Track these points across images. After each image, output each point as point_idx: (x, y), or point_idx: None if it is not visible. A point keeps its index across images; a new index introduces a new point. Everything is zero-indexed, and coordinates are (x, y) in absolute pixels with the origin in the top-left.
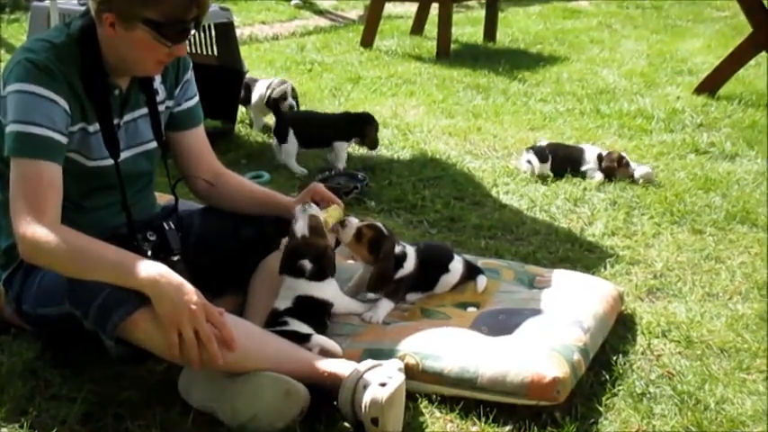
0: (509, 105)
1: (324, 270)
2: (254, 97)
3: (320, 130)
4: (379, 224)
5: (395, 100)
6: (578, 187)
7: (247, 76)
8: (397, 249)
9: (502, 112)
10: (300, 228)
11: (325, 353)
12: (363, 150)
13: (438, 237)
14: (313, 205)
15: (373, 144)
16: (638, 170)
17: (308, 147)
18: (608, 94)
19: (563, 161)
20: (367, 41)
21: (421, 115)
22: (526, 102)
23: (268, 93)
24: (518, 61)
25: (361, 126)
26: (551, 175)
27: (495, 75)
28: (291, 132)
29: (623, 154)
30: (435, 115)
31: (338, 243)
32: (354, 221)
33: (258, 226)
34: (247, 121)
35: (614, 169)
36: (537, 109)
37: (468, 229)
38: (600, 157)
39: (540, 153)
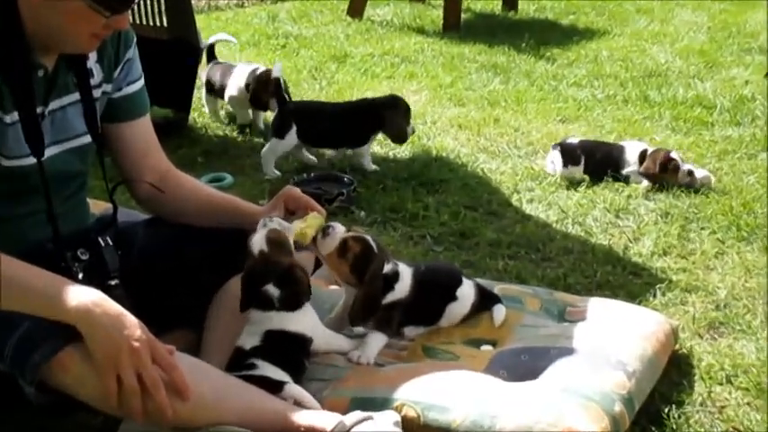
0: (534, 91)
1: (296, 295)
2: (232, 88)
3: (332, 125)
4: (369, 237)
5: (390, 84)
6: (621, 194)
7: (222, 61)
8: (387, 268)
9: (525, 100)
10: (257, 242)
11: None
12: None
13: (444, 256)
14: (276, 218)
15: (398, 135)
16: (697, 174)
17: (315, 145)
18: (659, 78)
19: (600, 164)
20: (356, 9)
21: (424, 103)
22: (556, 86)
23: (247, 81)
24: (546, 35)
25: (380, 114)
26: (586, 178)
27: (517, 52)
28: (294, 128)
29: (673, 154)
30: (442, 103)
31: (318, 264)
32: (340, 229)
33: (217, 241)
34: (205, 110)
35: (655, 174)
36: (569, 95)
37: (482, 246)
38: (643, 157)
39: (570, 153)
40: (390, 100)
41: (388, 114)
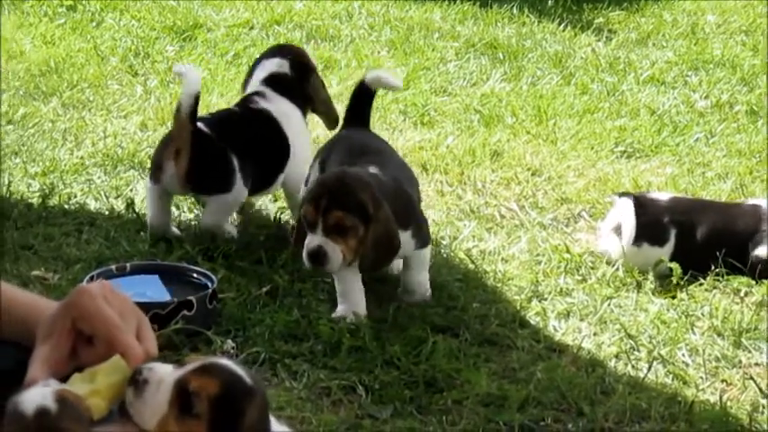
0: (571, 94)
1: None
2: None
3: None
4: (229, 364)
5: None
6: (745, 301)
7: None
8: (279, 429)
9: (554, 113)
10: (34, 398)
11: None
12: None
13: (394, 427)
14: (51, 383)
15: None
16: None
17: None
18: None
19: (708, 243)
20: None
21: None
22: (614, 86)
23: None
24: None
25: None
26: (676, 269)
27: (539, 18)
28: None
29: None
30: (388, 120)
31: None
32: (163, 370)
33: None
34: None
35: None
36: (641, 103)
37: (468, 406)
38: None
39: (650, 221)
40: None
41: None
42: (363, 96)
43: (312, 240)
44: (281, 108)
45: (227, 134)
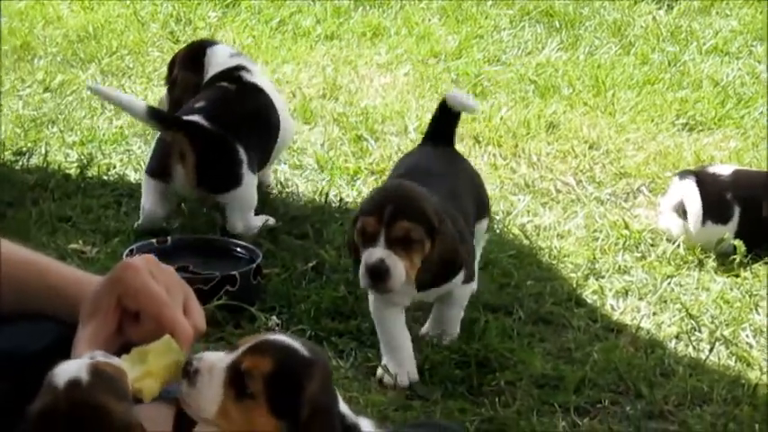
0: (631, 64)
1: None
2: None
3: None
4: (282, 339)
5: (334, 51)
6: None
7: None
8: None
9: (612, 83)
10: (68, 369)
11: None
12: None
13: (444, 409)
14: (98, 353)
15: None
16: None
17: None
18: None
19: None
20: None
21: (401, 91)
22: (675, 56)
23: None
24: None
25: None
26: (740, 247)
27: None
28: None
29: None
30: (439, 91)
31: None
32: (213, 358)
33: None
34: None
35: None
36: (703, 74)
37: (522, 387)
38: None
39: (713, 197)
40: None
41: None
42: (446, 116)
43: (372, 254)
44: (264, 79)
45: (227, 123)
